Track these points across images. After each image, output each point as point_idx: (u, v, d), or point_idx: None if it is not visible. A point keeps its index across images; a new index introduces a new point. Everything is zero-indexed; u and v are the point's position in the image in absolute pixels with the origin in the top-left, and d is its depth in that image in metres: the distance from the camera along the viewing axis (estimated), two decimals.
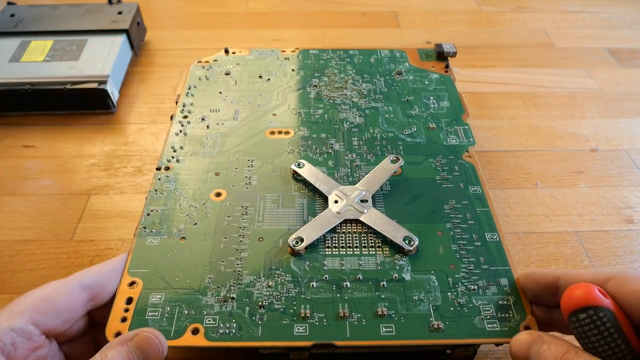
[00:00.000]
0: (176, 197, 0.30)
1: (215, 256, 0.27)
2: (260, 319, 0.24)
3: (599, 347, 0.20)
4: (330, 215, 0.28)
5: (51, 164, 0.39)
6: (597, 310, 0.20)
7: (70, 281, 0.23)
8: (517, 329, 0.23)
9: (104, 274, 0.24)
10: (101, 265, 0.25)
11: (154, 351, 0.21)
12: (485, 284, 0.25)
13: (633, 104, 0.46)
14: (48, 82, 0.42)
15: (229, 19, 0.59)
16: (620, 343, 0.20)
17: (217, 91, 0.38)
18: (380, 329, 0.23)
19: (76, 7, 0.51)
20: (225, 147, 0.33)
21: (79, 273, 0.24)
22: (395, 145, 0.33)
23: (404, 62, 0.41)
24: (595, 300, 0.20)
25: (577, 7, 0.61)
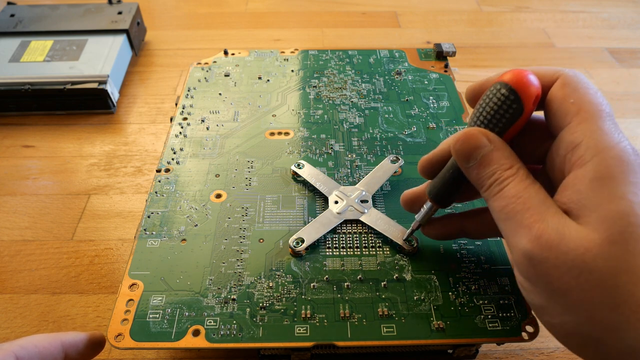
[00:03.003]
0: (176, 199, 0.30)
1: (215, 258, 0.27)
2: (261, 320, 0.24)
3: (483, 117, 0.21)
4: (331, 215, 0.28)
5: (51, 164, 0.39)
6: (505, 87, 0.20)
7: (55, 337, 0.22)
8: (519, 328, 0.23)
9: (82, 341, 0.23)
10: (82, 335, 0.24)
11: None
12: (486, 284, 0.25)
13: (633, 104, 0.46)
14: (48, 82, 0.42)
15: (229, 19, 0.59)
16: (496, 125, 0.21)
17: (217, 92, 0.38)
18: (382, 329, 0.23)
19: (76, 7, 0.51)
20: (225, 148, 0.33)
21: (62, 333, 0.23)
22: (395, 145, 0.33)
23: (404, 62, 0.41)
24: (511, 79, 0.20)
25: (577, 7, 0.61)
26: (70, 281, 0.31)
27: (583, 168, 0.18)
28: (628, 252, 0.17)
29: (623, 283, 0.16)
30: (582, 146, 0.19)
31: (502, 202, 0.20)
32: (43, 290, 0.31)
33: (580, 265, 0.17)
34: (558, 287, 0.18)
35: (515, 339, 0.23)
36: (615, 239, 0.17)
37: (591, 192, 0.18)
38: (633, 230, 0.17)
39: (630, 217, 0.17)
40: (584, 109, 0.19)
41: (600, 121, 0.19)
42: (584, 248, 0.17)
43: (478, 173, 0.21)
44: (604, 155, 0.18)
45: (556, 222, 0.18)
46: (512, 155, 0.21)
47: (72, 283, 0.31)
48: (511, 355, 0.28)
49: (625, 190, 0.17)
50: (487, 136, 0.21)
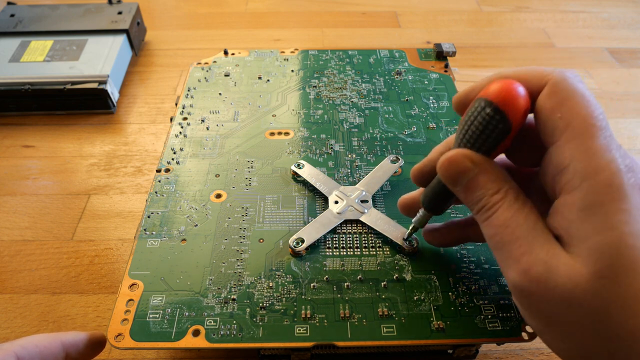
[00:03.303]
0: (176, 199, 0.30)
1: (215, 258, 0.27)
2: (261, 320, 0.24)
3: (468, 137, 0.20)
4: (331, 215, 0.28)
5: (51, 164, 0.39)
6: (489, 106, 0.18)
7: (55, 337, 0.22)
8: (519, 328, 0.23)
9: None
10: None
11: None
12: (486, 284, 0.25)
13: (633, 104, 0.46)
14: (48, 82, 0.42)
15: (229, 19, 0.59)
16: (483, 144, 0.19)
17: (217, 92, 0.38)
18: (382, 329, 0.23)
19: (76, 7, 0.51)
20: (225, 148, 0.33)
21: (62, 333, 0.23)
22: (395, 145, 0.33)
23: (404, 62, 0.41)
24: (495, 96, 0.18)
25: (577, 7, 0.61)
26: (70, 281, 0.31)
27: (572, 195, 0.17)
28: (618, 285, 0.16)
29: (614, 315, 0.16)
30: (570, 170, 0.18)
31: (491, 231, 0.19)
32: (43, 290, 0.31)
33: (570, 300, 0.17)
34: (550, 319, 0.18)
35: (515, 339, 0.23)
36: (604, 273, 0.16)
37: (580, 222, 0.17)
38: (623, 262, 0.16)
39: (620, 248, 0.16)
40: (572, 125, 0.18)
41: (590, 140, 0.17)
42: (573, 283, 0.17)
43: (465, 197, 0.20)
44: (592, 181, 0.17)
45: (545, 254, 0.17)
46: (500, 177, 0.20)
47: (72, 283, 0.31)
48: (511, 355, 0.28)
49: (616, 220, 0.16)
50: (472, 159, 0.20)
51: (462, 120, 0.20)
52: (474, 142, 0.20)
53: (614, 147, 0.17)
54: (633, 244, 0.16)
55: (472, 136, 0.20)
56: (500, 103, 0.18)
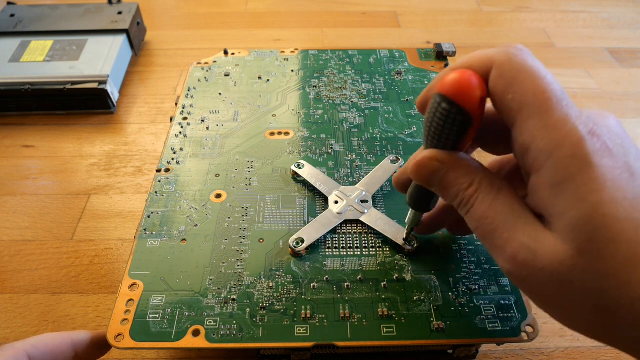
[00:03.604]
0: (176, 199, 0.30)
1: (215, 258, 0.27)
2: (261, 320, 0.24)
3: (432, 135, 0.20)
4: (331, 215, 0.28)
5: (51, 164, 0.39)
6: (444, 101, 0.18)
7: (65, 336, 0.22)
8: (519, 329, 0.24)
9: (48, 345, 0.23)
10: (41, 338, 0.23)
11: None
12: (486, 284, 0.25)
13: (633, 104, 0.46)
14: (48, 82, 0.42)
15: (229, 19, 0.59)
16: (447, 139, 0.19)
17: (217, 92, 0.38)
18: (382, 329, 0.23)
19: (76, 7, 0.51)
20: (225, 148, 0.33)
21: (72, 332, 0.23)
22: (395, 145, 0.33)
23: (404, 62, 0.41)
24: (449, 89, 0.18)
25: (577, 7, 0.61)
26: (70, 281, 0.31)
27: (540, 173, 0.17)
28: (600, 258, 0.16)
29: (608, 288, 0.16)
30: (533, 149, 0.17)
31: (473, 224, 0.19)
32: (43, 290, 0.31)
33: (560, 279, 0.17)
34: (546, 300, 0.18)
35: (515, 339, 0.23)
36: (584, 247, 0.16)
37: (553, 199, 0.17)
38: (600, 233, 0.16)
39: (594, 220, 0.16)
40: (525, 104, 0.17)
41: (546, 115, 0.17)
42: (558, 261, 0.16)
43: (443, 195, 0.21)
44: (556, 156, 0.17)
45: (527, 238, 0.17)
46: (470, 170, 0.19)
47: (72, 283, 0.31)
48: (511, 355, 0.28)
49: (586, 191, 0.16)
50: (437, 159, 0.20)
51: (425, 118, 0.20)
52: (438, 140, 0.20)
53: (573, 115, 0.17)
54: (607, 213, 0.16)
55: (436, 133, 0.19)
56: (454, 95, 0.18)
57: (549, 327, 0.29)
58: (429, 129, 0.20)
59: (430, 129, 0.20)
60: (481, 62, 0.19)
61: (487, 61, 0.18)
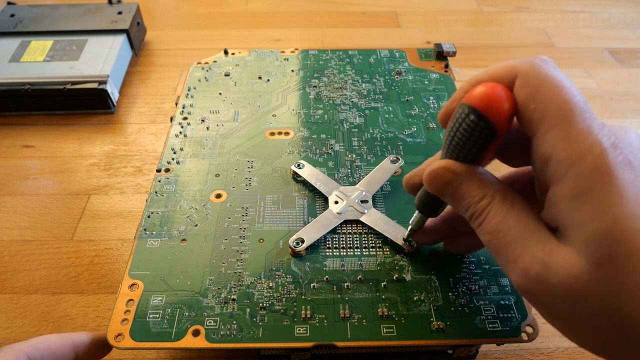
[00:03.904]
0: (176, 199, 0.30)
1: (215, 258, 0.27)
2: (261, 320, 0.24)
3: (454, 146, 0.20)
4: (331, 215, 0.28)
5: (51, 164, 0.39)
6: (473, 112, 0.18)
7: (66, 337, 0.22)
8: (519, 329, 0.24)
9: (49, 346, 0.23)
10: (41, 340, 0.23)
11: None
12: (486, 284, 0.25)
13: (633, 104, 0.46)
14: (48, 82, 0.42)
15: (229, 19, 0.59)
16: (469, 152, 0.19)
17: (217, 92, 0.38)
18: (382, 329, 0.23)
19: (76, 7, 0.51)
20: (225, 148, 0.33)
21: (73, 334, 0.23)
22: (395, 145, 0.33)
23: (404, 62, 0.41)
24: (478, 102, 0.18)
25: (577, 7, 0.61)
26: (70, 281, 0.31)
27: (560, 185, 0.17)
28: (619, 272, 0.15)
29: (623, 304, 0.16)
30: (554, 160, 0.17)
31: (485, 238, 0.19)
32: (43, 290, 0.31)
33: (574, 294, 0.16)
34: (558, 316, 0.18)
35: (515, 339, 0.23)
36: (603, 261, 0.16)
37: (572, 211, 0.17)
38: (620, 247, 0.15)
39: (615, 233, 0.16)
40: (548, 115, 0.17)
41: (568, 126, 0.17)
42: (573, 277, 0.16)
43: (455, 207, 0.21)
44: (578, 168, 0.16)
45: (540, 253, 0.17)
46: (483, 183, 0.19)
47: (72, 283, 0.31)
48: (511, 355, 0.28)
49: (607, 204, 0.16)
50: (453, 170, 0.20)
51: (447, 128, 0.20)
52: (460, 150, 0.20)
53: (595, 127, 0.17)
54: (629, 226, 0.15)
55: (458, 144, 0.19)
56: (483, 108, 0.18)
57: (549, 327, 0.29)
58: (452, 140, 0.19)
59: (452, 139, 0.19)
60: (505, 73, 0.19)
61: (512, 71, 0.18)
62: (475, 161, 0.20)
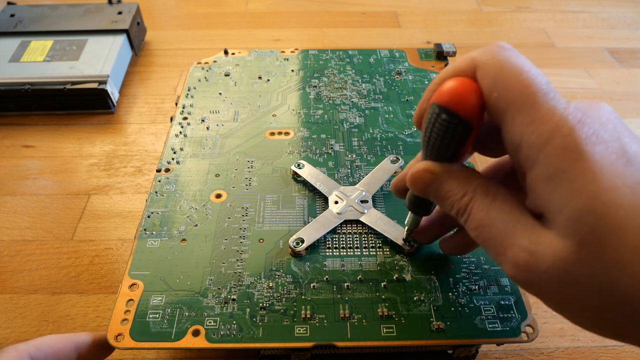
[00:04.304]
0: (176, 199, 0.30)
1: (215, 258, 0.27)
2: (261, 320, 0.24)
3: (432, 145, 0.20)
4: (331, 216, 0.28)
5: (51, 164, 0.39)
6: (444, 112, 0.18)
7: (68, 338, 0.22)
8: (519, 329, 0.24)
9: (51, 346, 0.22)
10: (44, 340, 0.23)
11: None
12: (486, 284, 0.25)
13: (633, 104, 0.46)
14: (48, 82, 0.42)
15: (229, 19, 0.59)
16: (447, 150, 0.19)
17: (217, 92, 0.38)
18: (381, 329, 0.23)
19: (76, 7, 0.51)
20: (225, 148, 0.33)
21: (75, 334, 0.23)
22: (395, 145, 0.33)
23: (404, 62, 0.41)
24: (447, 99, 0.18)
25: (577, 7, 0.61)
26: (70, 281, 0.31)
27: (534, 170, 0.17)
28: (606, 248, 0.15)
29: (617, 279, 0.15)
30: (524, 145, 0.17)
31: (473, 233, 0.19)
32: (43, 290, 0.31)
33: (565, 277, 0.16)
34: (556, 301, 0.18)
35: (515, 339, 0.23)
36: (587, 239, 0.15)
37: (549, 194, 0.16)
38: (602, 222, 0.15)
39: (594, 209, 0.15)
40: (511, 101, 0.17)
41: (532, 109, 0.17)
42: (561, 259, 0.16)
43: (440, 206, 0.21)
44: (548, 149, 0.16)
45: (526, 241, 0.17)
46: (463, 180, 0.20)
47: (72, 283, 0.31)
48: (511, 355, 0.28)
49: (582, 182, 0.16)
50: (431, 171, 0.20)
51: (422, 129, 0.20)
52: (438, 150, 0.20)
53: (560, 106, 0.16)
54: (608, 200, 0.15)
55: (435, 144, 0.19)
56: (453, 105, 0.18)
57: (549, 327, 0.29)
58: (428, 141, 0.20)
59: (429, 140, 0.19)
60: (466, 65, 0.19)
61: (472, 63, 0.18)
62: (454, 158, 0.20)
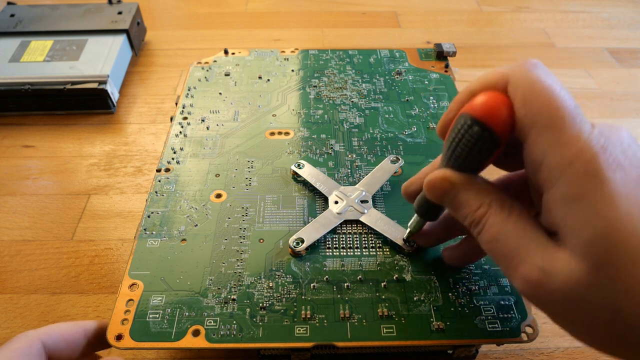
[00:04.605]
0: (176, 199, 0.30)
1: (215, 258, 0.27)
2: (261, 320, 0.24)
3: (456, 157, 0.20)
4: (331, 216, 0.28)
5: (51, 164, 0.39)
6: (476, 124, 0.18)
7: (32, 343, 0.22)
8: (519, 329, 0.24)
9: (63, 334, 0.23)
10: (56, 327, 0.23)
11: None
12: (486, 284, 0.25)
13: (633, 104, 0.46)
14: (48, 82, 0.42)
15: (229, 19, 0.59)
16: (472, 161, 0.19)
17: (217, 92, 0.38)
18: (381, 329, 0.23)
19: (76, 7, 0.51)
20: (225, 148, 0.33)
21: (84, 321, 0.23)
22: (396, 145, 0.33)
23: (404, 62, 0.41)
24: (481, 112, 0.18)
25: (577, 7, 0.61)
26: (70, 281, 0.31)
27: (553, 190, 0.17)
28: (618, 274, 0.16)
29: (625, 306, 0.16)
30: (545, 165, 0.17)
31: (485, 246, 0.19)
32: (43, 290, 0.31)
33: (575, 298, 0.16)
34: (563, 318, 0.18)
35: (515, 339, 0.23)
36: (601, 264, 0.16)
37: (567, 216, 0.17)
38: (618, 249, 0.16)
39: (611, 235, 0.16)
40: (539, 121, 0.17)
41: (558, 131, 0.17)
42: (574, 281, 0.16)
43: (455, 215, 0.21)
44: (569, 172, 0.16)
45: (539, 259, 0.17)
46: (480, 192, 0.20)
47: (72, 283, 0.31)
48: (511, 355, 0.28)
49: (601, 206, 0.16)
50: (450, 180, 0.20)
51: (448, 138, 0.20)
52: (462, 160, 0.20)
53: (585, 131, 0.17)
54: (624, 227, 0.16)
55: (461, 155, 0.19)
56: (486, 118, 0.18)
57: (549, 327, 0.29)
58: (454, 151, 0.19)
59: (455, 150, 0.19)
60: (497, 80, 0.19)
61: (503, 78, 0.18)
62: (476, 171, 0.20)
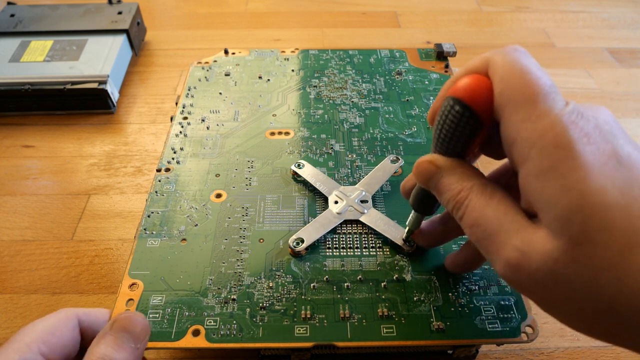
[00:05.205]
0: (176, 199, 0.30)
1: (215, 257, 0.27)
2: (261, 320, 0.24)
3: (442, 139, 0.20)
4: (331, 215, 0.28)
5: (51, 164, 0.39)
6: (458, 103, 0.19)
7: (69, 316, 0.22)
8: (519, 329, 0.24)
9: (98, 316, 0.23)
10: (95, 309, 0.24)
11: (140, 327, 0.21)
12: (486, 284, 0.25)
13: (633, 104, 0.46)
14: (48, 82, 0.42)
15: (229, 19, 0.59)
16: (456, 144, 0.20)
17: (217, 92, 0.38)
18: (381, 329, 0.23)
19: (76, 7, 0.51)
20: (225, 148, 0.33)
21: (77, 310, 0.23)
22: (396, 145, 0.33)
23: (404, 62, 0.41)
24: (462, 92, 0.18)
25: (577, 7, 0.61)
26: (70, 281, 0.31)
27: (526, 166, 0.17)
28: (595, 248, 0.15)
29: (606, 281, 0.15)
30: (518, 142, 0.17)
31: (467, 231, 0.19)
32: (43, 290, 0.31)
33: (556, 277, 0.16)
34: (546, 301, 0.18)
35: (515, 340, 0.23)
36: (578, 239, 0.15)
37: (540, 191, 0.17)
38: (592, 222, 0.15)
39: (584, 208, 0.15)
40: (512, 98, 0.17)
41: (530, 107, 0.17)
42: (552, 259, 0.16)
43: (440, 200, 0.21)
44: (539, 145, 0.16)
45: (518, 241, 0.17)
46: (463, 176, 0.20)
47: (72, 283, 0.31)
48: (511, 355, 0.28)
49: (573, 180, 0.16)
50: (435, 163, 0.21)
51: (434, 123, 0.20)
52: (448, 143, 0.20)
53: (557, 106, 0.17)
54: (597, 200, 0.15)
55: (446, 137, 0.20)
56: (467, 98, 0.18)
57: (549, 327, 0.29)
58: (439, 133, 0.20)
59: (440, 132, 0.20)
60: (480, 64, 0.19)
61: (485, 62, 0.19)
62: (462, 154, 0.20)
